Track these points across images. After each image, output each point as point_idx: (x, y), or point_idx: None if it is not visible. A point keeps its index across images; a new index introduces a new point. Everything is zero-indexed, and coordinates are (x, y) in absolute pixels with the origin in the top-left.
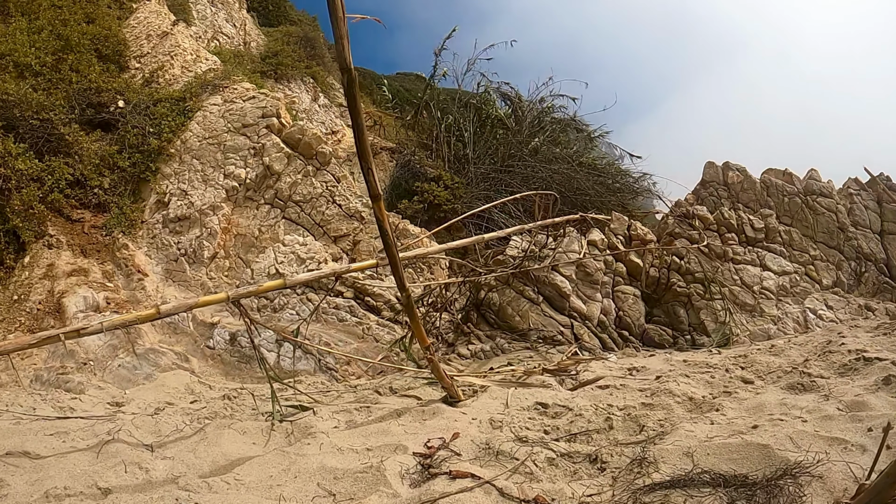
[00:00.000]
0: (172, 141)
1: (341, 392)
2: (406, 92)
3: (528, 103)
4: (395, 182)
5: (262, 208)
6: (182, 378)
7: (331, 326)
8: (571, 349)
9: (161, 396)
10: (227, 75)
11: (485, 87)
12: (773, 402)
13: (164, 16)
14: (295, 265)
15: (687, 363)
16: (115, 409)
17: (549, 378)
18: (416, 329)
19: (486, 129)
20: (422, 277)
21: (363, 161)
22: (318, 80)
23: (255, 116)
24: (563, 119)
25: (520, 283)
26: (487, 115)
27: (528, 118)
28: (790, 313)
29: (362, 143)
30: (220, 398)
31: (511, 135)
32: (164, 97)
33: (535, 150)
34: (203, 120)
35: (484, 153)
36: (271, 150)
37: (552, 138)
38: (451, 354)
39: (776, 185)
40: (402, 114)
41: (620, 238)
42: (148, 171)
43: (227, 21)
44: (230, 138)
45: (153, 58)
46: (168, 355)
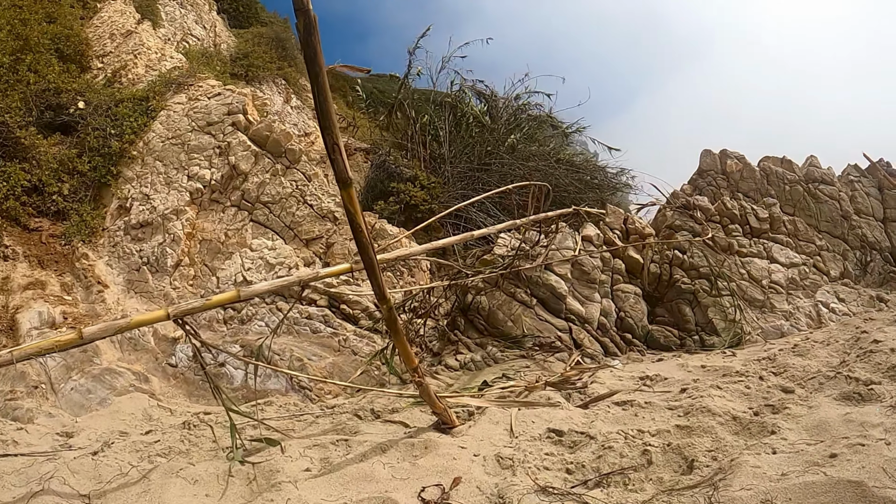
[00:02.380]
0: (135, 143)
1: (316, 416)
2: (380, 93)
3: (504, 101)
4: (371, 183)
5: (228, 211)
6: (140, 402)
7: (303, 339)
8: (574, 357)
9: (115, 425)
10: (193, 73)
11: (459, 84)
12: (836, 418)
13: (129, 15)
14: (264, 271)
15: (706, 369)
16: (64, 440)
17: (554, 393)
18: (401, 348)
19: (461, 127)
20: (402, 281)
21: (327, 135)
22: (290, 82)
23: (220, 114)
24: (539, 116)
25: (510, 285)
26: (463, 114)
27: (503, 116)
28: (802, 308)
29: (325, 110)
30: (179, 427)
31: (487, 133)
32: (126, 97)
33: (511, 147)
34: (167, 119)
35: (460, 152)
36: (237, 148)
37: (529, 135)
38: (438, 366)
39: (776, 173)
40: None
41: (617, 233)
42: (109, 176)
43: (197, 23)
44: (194, 138)
45: (116, 57)
46: (125, 376)
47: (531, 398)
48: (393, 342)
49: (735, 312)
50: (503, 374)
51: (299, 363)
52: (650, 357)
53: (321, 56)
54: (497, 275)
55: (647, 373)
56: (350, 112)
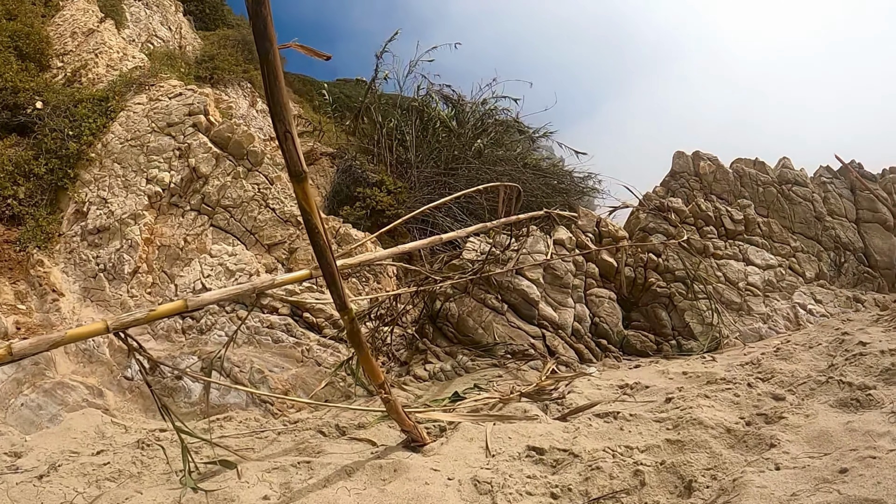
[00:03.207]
0: (93, 144)
1: (278, 432)
2: (347, 98)
3: (471, 105)
4: (337, 188)
5: (187, 215)
6: (93, 418)
7: (265, 349)
8: (549, 365)
9: (65, 444)
10: (155, 73)
11: (426, 89)
12: (837, 427)
13: (91, 13)
14: (223, 278)
15: (689, 376)
16: (12, 460)
17: (530, 404)
18: (366, 363)
19: (428, 132)
20: (367, 288)
21: (278, 122)
22: (256, 85)
23: (181, 114)
24: (506, 121)
25: (480, 291)
26: (430, 118)
27: (470, 120)
28: (779, 310)
29: (277, 94)
30: (133, 446)
31: (454, 137)
32: (86, 97)
33: (478, 151)
34: (126, 120)
35: (427, 157)
36: (198, 150)
37: (496, 140)
38: (406, 376)
39: (749, 175)
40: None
41: (590, 236)
42: (66, 179)
43: (163, 24)
44: (154, 139)
45: (77, 56)
46: (79, 390)
47: (506, 411)
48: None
49: (712, 316)
50: (475, 384)
51: (260, 375)
52: (627, 363)
53: (272, 30)
54: (466, 280)
55: (626, 380)
56: (316, 117)
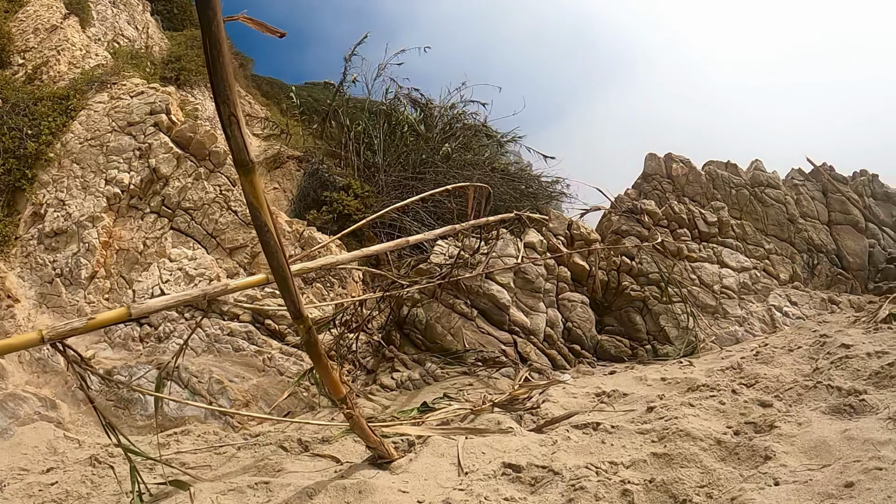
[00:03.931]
0: (52, 144)
1: (238, 447)
2: (315, 101)
3: (439, 109)
4: (303, 192)
5: (147, 218)
6: (45, 432)
7: (225, 358)
8: (522, 373)
9: (15, 460)
10: (118, 71)
11: (394, 92)
12: (834, 436)
13: (55, 9)
14: (183, 283)
15: (668, 383)
16: None
17: (503, 416)
18: (325, 376)
19: (396, 136)
20: (332, 293)
21: (222, 104)
22: None
23: (142, 113)
24: (474, 125)
25: (449, 296)
26: (398, 122)
27: (438, 124)
28: (755, 312)
29: (221, 72)
30: (85, 462)
31: (422, 141)
32: (46, 95)
33: (446, 155)
34: (86, 119)
35: (395, 161)
36: (159, 150)
37: (464, 144)
38: (373, 385)
39: (722, 177)
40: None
41: (561, 239)
42: (24, 179)
43: (129, 23)
44: (114, 139)
45: (38, 53)
46: (31, 402)
47: (478, 423)
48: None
49: (688, 320)
50: (444, 393)
51: (219, 386)
52: (601, 369)
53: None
54: (434, 285)
55: (603, 388)
56: (284, 120)
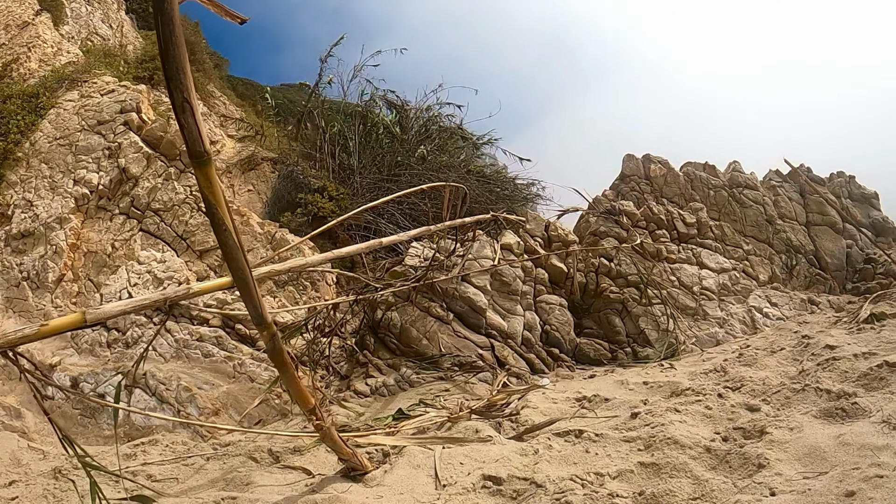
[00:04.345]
0: (21, 143)
1: (206, 458)
2: (290, 103)
3: (415, 111)
4: (278, 194)
5: (116, 219)
6: (9, 443)
7: (194, 364)
8: (500, 378)
9: None
10: (89, 69)
11: (370, 94)
12: (828, 441)
13: (27, 5)
14: (151, 287)
15: (650, 386)
16: None
17: (482, 423)
18: (292, 386)
19: (371, 137)
20: (305, 296)
21: (175, 88)
22: (198, 88)
23: (112, 112)
24: (450, 127)
25: (424, 299)
26: (373, 124)
27: (414, 126)
28: (735, 314)
29: (174, 51)
30: (48, 475)
31: (398, 143)
32: (15, 93)
33: (422, 158)
34: (56, 118)
35: (370, 163)
36: (129, 149)
37: (439, 146)
38: (347, 391)
39: (700, 178)
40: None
41: (538, 240)
42: None
43: (104, 21)
44: (83, 138)
45: (9, 49)
46: None
47: (455, 431)
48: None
49: (668, 322)
50: (420, 399)
51: (188, 394)
52: (581, 373)
53: None
54: (409, 288)
55: (584, 392)
56: (259, 121)
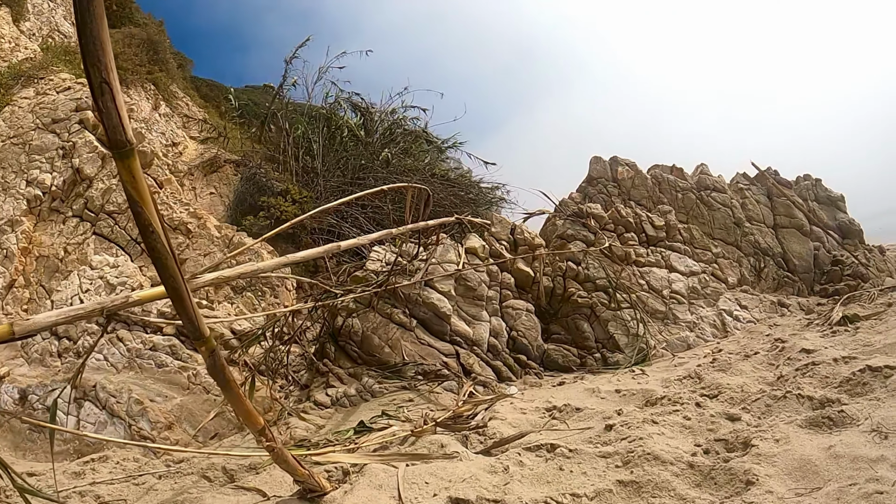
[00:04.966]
0: None
1: (158, 476)
2: (255, 105)
3: (380, 114)
4: (240, 197)
5: (69, 222)
6: None
7: (147, 374)
8: (466, 387)
9: None
10: (46, 65)
11: (335, 96)
12: (818, 454)
13: None
14: (104, 293)
15: (622, 395)
16: None
17: (447, 437)
18: (237, 405)
19: (336, 140)
20: (264, 302)
21: (93, 69)
22: (160, 88)
23: (67, 110)
24: (414, 130)
25: (386, 305)
26: (338, 126)
27: (379, 129)
28: (705, 317)
29: (92, 28)
30: None
31: (362, 146)
32: None
33: (386, 161)
34: (10, 116)
35: (334, 166)
36: (83, 149)
37: (404, 149)
38: (307, 402)
39: (668, 181)
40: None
41: (504, 244)
42: None
43: (66, 18)
44: (37, 137)
45: None
46: None
47: (420, 447)
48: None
49: (637, 326)
50: (383, 411)
51: (139, 407)
52: (549, 380)
53: None
54: (370, 293)
55: (554, 402)
56: (222, 122)
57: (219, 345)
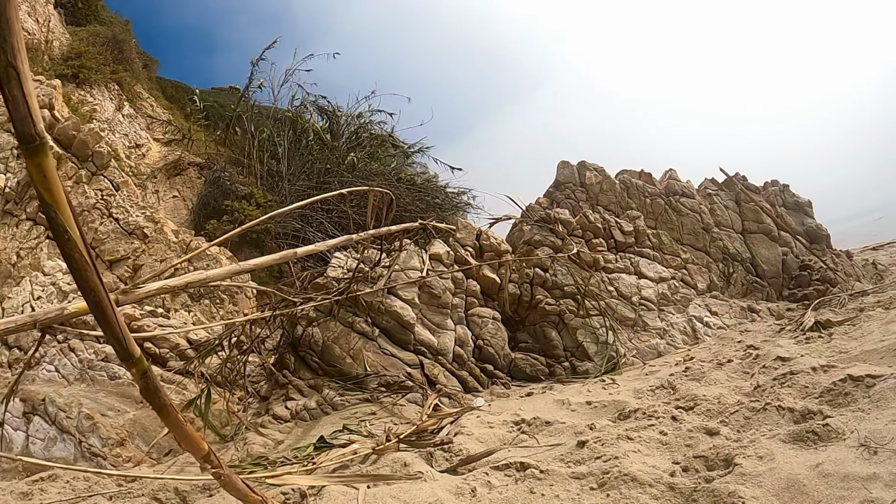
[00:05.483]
0: None
1: (109, 497)
2: (221, 107)
3: (346, 118)
4: (203, 201)
5: (22, 225)
6: None
7: (99, 387)
8: (431, 400)
9: None
10: None
11: (301, 99)
12: (806, 472)
13: None
14: (56, 300)
15: (594, 406)
16: None
17: (411, 455)
18: (176, 430)
19: (301, 144)
20: (222, 310)
21: None
22: (125, 88)
23: None
24: (381, 135)
25: (348, 314)
26: (303, 130)
27: (345, 133)
28: (676, 324)
29: None
30: None
31: (328, 150)
32: None
33: (352, 165)
34: None
35: (299, 170)
36: None
37: (370, 154)
38: (265, 416)
39: (636, 186)
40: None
41: (470, 250)
42: None
43: (30, 15)
44: None
45: None
46: None
47: (382, 465)
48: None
49: (607, 334)
50: (344, 425)
51: (90, 422)
52: (517, 390)
53: None
54: (331, 302)
55: (522, 414)
56: (186, 124)
57: (174, 356)
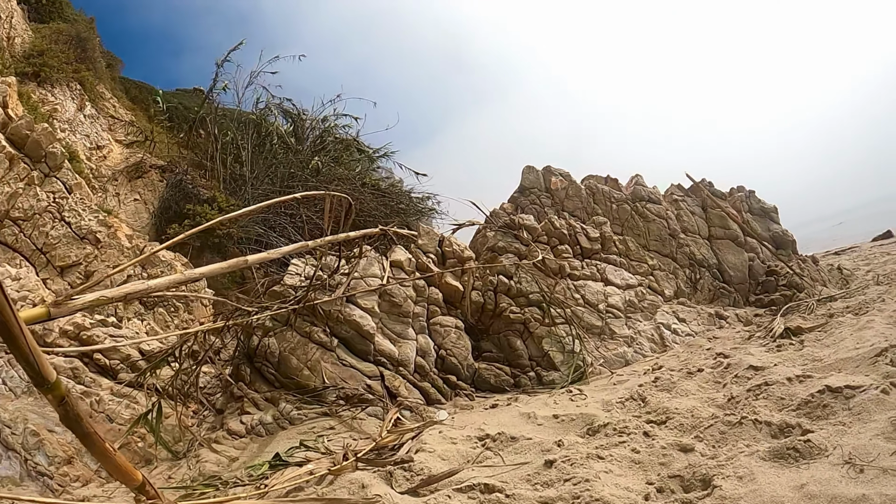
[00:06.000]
0: None
1: None
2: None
3: (311, 121)
4: (165, 204)
5: None
6: None
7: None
8: (391, 415)
9: None
10: None
11: (265, 101)
12: (789, 493)
13: None
14: None
15: (561, 420)
16: None
17: (370, 475)
18: (104, 461)
19: (265, 147)
20: (177, 319)
21: None
22: (87, 87)
23: None
24: (345, 139)
25: (305, 323)
26: (268, 133)
27: (310, 137)
28: (643, 331)
29: None
30: None
31: (292, 154)
32: None
33: (316, 169)
34: None
35: (263, 173)
36: None
37: (335, 158)
38: (220, 430)
39: (602, 192)
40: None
41: (432, 256)
42: None
43: None
44: None
45: None
46: None
47: (339, 487)
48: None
49: (573, 342)
50: (301, 441)
51: (35, 439)
52: (481, 402)
53: None
54: (288, 311)
55: (486, 429)
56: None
57: (125, 367)
